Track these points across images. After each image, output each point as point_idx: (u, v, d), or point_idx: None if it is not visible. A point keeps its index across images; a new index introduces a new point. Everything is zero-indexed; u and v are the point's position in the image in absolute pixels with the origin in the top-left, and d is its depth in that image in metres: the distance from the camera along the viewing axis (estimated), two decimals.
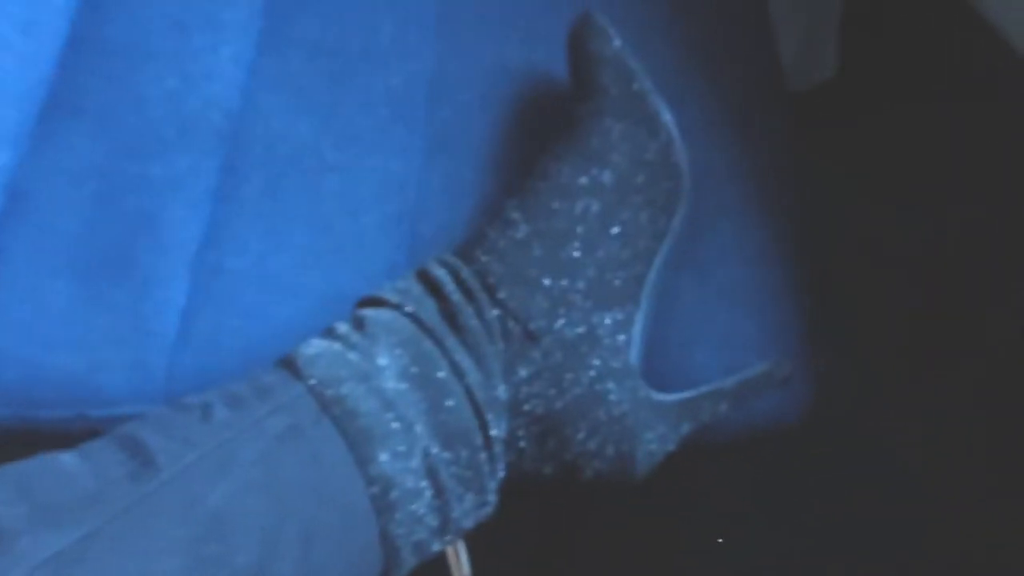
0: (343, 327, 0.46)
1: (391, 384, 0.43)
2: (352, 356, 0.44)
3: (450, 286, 0.47)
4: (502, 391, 0.46)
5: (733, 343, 0.53)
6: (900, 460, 0.89)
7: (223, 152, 0.59)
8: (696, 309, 0.54)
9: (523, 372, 0.46)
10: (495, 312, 0.47)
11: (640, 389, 0.48)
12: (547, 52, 0.62)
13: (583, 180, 0.50)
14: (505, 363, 0.46)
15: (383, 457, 0.42)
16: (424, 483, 0.43)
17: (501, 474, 0.47)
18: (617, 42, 0.54)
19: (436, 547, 0.45)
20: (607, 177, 0.50)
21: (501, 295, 0.47)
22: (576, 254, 0.48)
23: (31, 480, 0.37)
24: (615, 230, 0.49)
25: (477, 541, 0.50)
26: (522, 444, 0.47)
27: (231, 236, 0.55)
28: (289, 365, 0.44)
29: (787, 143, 0.63)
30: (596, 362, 0.47)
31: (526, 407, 0.46)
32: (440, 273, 0.48)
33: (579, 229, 0.49)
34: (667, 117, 0.52)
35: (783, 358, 0.52)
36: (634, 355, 0.49)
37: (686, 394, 0.50)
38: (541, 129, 0.59)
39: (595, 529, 0.88)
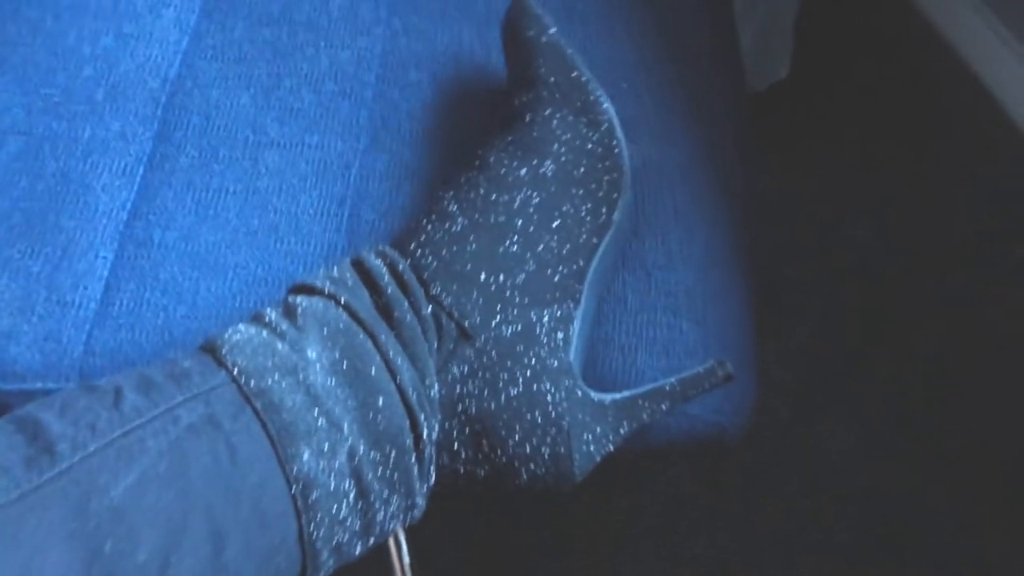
0: (272, 314, 0.44)
1: (319, 379, 0.41)
2: (280, 346, 0.42)
3: (386, 279, 0.45)
4: (436, 391, 0.44)
5: (675, 349, 0.52)
6: (838, 461, 0.90)
7: (157, 119, 0.56)
8: (639, 313, 0.52)
9: (457, 371, 0.45)
10: (430, 308, 0.45)
11: (578, 389, 0.47)
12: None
13: (523, 172, 0.48)
14: (439, 361, 0.45)
15: (306, 455, 0.40)
16: (348, 484, 0.41)
17: (432, 477, 0.45)
18: (553, 29, 0.52)
19: (358, 550, 0.43)
20: (547, 168, 0.48)
21: (435, 291, 0.45)
22: (514, 248, 0.47)
23: None
24: (555, 223, 0.48)
25: (416, 531, 0.48)
26: (456, 446, 0.45)
27: (160, 207, 0.53)
28: (211, 351, 0.42)
29: (743, 145, 0.63)
30: (533, 361, 0.46)
31: (460, 407, 0.45)
32: (376, 264, 0.46)
33: (518, 222, 0.47)
34: (607, 106, 0.51)
35: (724, 359, 0.51)
36: (572, 353, 0.47)
37: (625, 394, 0.48)
38: (493, 116, 0.57)
39: (536, 520, 0.87)
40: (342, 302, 0.44)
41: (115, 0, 0.59)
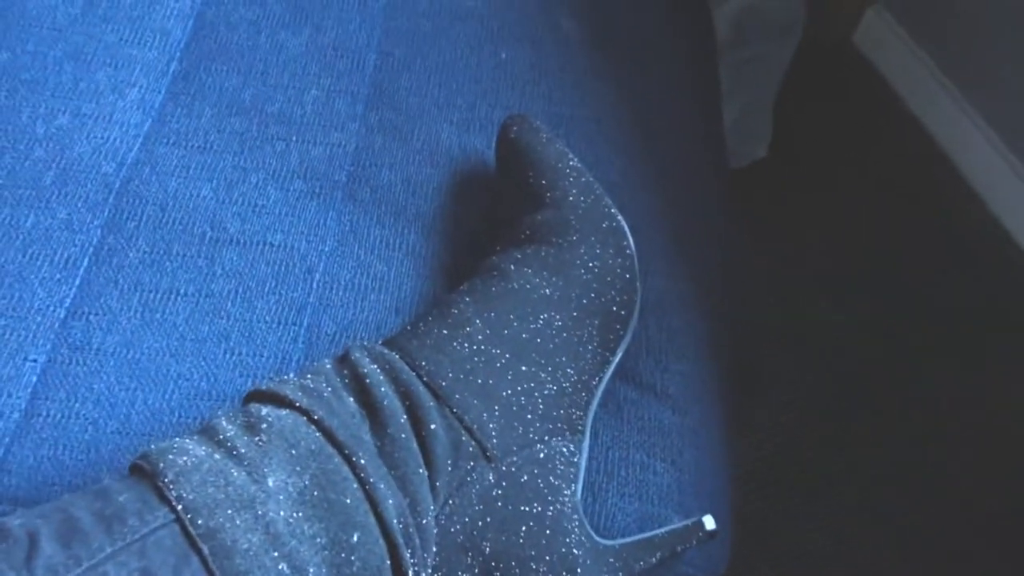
0: (229, 428, 0.38)
1: (282, 512, 0.36)
2: (235, 473, 0.36)
3: (382, 388, 0.40)
4: (431, 519, 0.39)
5: (648, 492, 0.48)
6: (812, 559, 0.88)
7: (109, 206, 0.52)
8: (611, 449, 0.49)
9: (475, 496, 0.40)
10: (442, 423, 0.40)
11: (586, 531, 0.43)
12: (483, 142, 0.57)
13: (547, 291, 0.45)
14: (453, 484, 0.40)
15: None
16: None
17: None
18: (560, 144, 0.51)
19: None
20: (572, 293, 0.46)
21: (453, 403, 0.41)
22: (535, 369, 0.43)
23: None
24: (572, 350, 0.45)
25: None
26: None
27: (103, 307, 0.49)
28: (150, 476, 0.36)
29: (727, 270, 0.60)
30: (551, 496, 0.42)
31: (474, 537, 0.40)
32: (371, 370, 0.41)
33: (539, 342, 0.44)
34: (629, 235, 0.49)
35: (707, 513, 0.48)
36: (579, 491, 0.44)
37: (622, 541, 0.45)
38: (467, 227, 0.54)
39: None
40: (315, 418, 0.39)
41: (75, 78, 0.56)
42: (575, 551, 0.42)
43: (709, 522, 0.47)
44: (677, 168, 0.61)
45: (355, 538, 0.37)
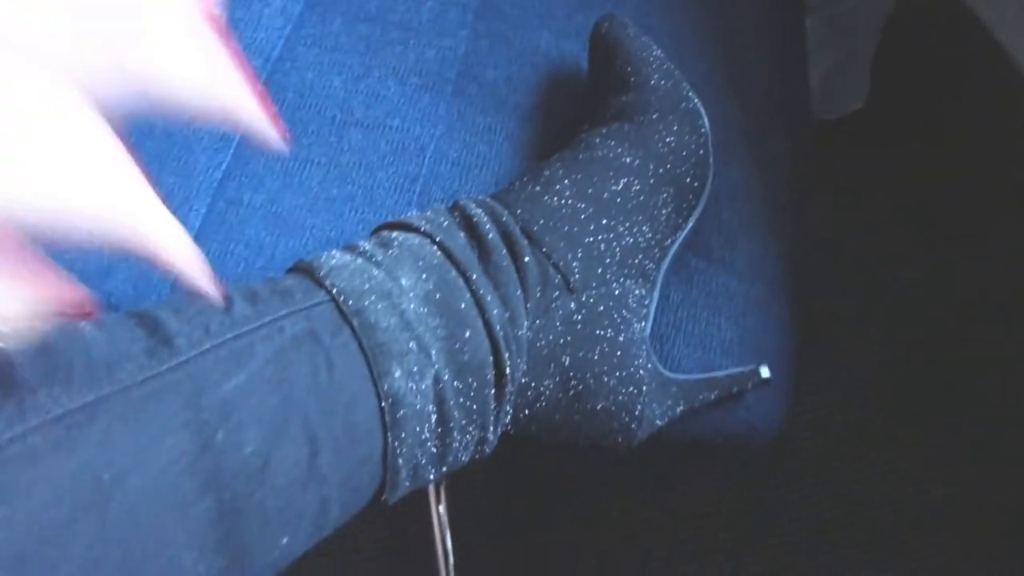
0: (367, 244, 0.46)
1: (412, 305, 0.44)
2: (375, 272, 0.44)
3: (487, 226, 0.48)
4: (525, 332, 0.47)
5: (711, 343, 0.55)
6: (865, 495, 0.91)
7: None
8: (680, 307, 0.56)
9: (559, 319, 0.47)
10: (534, 258, 0.48)
11: (652, 360, 0.50)
12: (578, 47, 0.64)
13: (628, 159, 0.52)
14: (540, 308, 0.47)
15: (397, 374, 0.42)
16: (431, 407, 0.43)
17: (508, 415, 0.47)
18: (646, 38, 0.57)
19: (432, 476, 0.45)
20: (650, 162, 0.52)
21: (543, 243, 0.48)
22: (615, 223, 0.50)
23: (52, 341, 0.38)
24: (649, 212, 0.51)
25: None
26: (546, 387, 0.47)
27: (251, 172, 0.58)
28: (309, 272, 0.45)
29: (799, 175, 0.65)
30: (624, 325, 0.49)
31: (557, 352, 0.47)
32: (477, 212, 0.48)
33: (620, 201, 0.51)
34: (705, 117, 0.55)
35: (765, 363, 0.54)
36: (648, 329, 0.51)
37: (685, 376, 0.52)
38: (560, 117, 0.62)
39: (567, 523, 0.90)
40: (436, 240, 0.47)
41: None
42: (641, 372, 0.49)
43: (765, 371, 0.54)
44: (755, 85, 0.67)
45: (467, 334, 0.44)
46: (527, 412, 0.48)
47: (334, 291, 0.43)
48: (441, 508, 0.50)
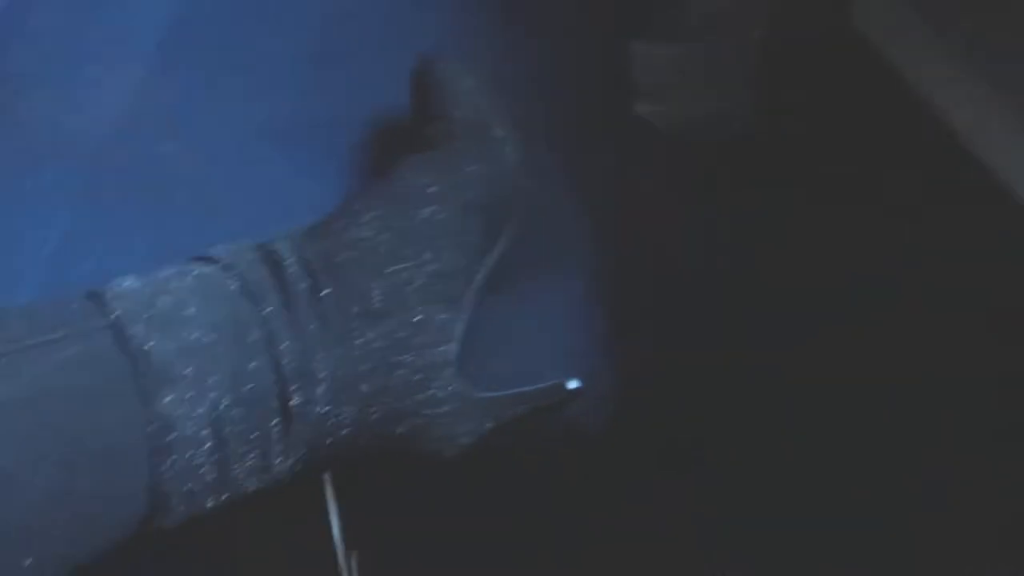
0: (165, 272, 0.49)
1: (196, 335, 0.45)
2: (163, 299, 0.46)
3: (289, 259, 0.50)
4: (321, 363, 0.48)
5: (531, 358, 0.58)
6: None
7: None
8: (498, 325, 0.58)
9: (358, 349, 0.49)
10: (334, 290, 0.50)
11: (456, 381, 0.53)
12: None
13: (433, 189, 0.55)
14: (337, 340, 0.49)
15: (168, 398, 0.43)
16: (206, 432, 0.44)
17: (301, 449, 0.49)
18: (461, 67, 0.61)
19: (210, 503, 0.47)
20: (455, 191, 0.55)
21: (345, 275, 0.50)
22: (419, 250, 0.53)
23: None
24: (453, 239, 0.54)
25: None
26: (344, 416, 0.49)
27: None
28: (97, 297, 0.47)
29: (627, 187, 0.68)
30: (428, 348, 0.51)
31: (357, 380, 0.49)
32: (280, 246, 0.51)
33: (423, 229, 0.53)
34: (509, 148, 0.58)
35: (574, 372, 0.57)
36: (455, 353, 0.53)
37: (495, 393, 0.55)
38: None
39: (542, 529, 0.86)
40: (236, 271, 0.49)
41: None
42: (440, 395, 0.52)
43: (572, 383, 0.56)
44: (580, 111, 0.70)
45: (251, 365, 0.46)
46: (330, 440, 0.50)
47: (114, 316, 0.45)
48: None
